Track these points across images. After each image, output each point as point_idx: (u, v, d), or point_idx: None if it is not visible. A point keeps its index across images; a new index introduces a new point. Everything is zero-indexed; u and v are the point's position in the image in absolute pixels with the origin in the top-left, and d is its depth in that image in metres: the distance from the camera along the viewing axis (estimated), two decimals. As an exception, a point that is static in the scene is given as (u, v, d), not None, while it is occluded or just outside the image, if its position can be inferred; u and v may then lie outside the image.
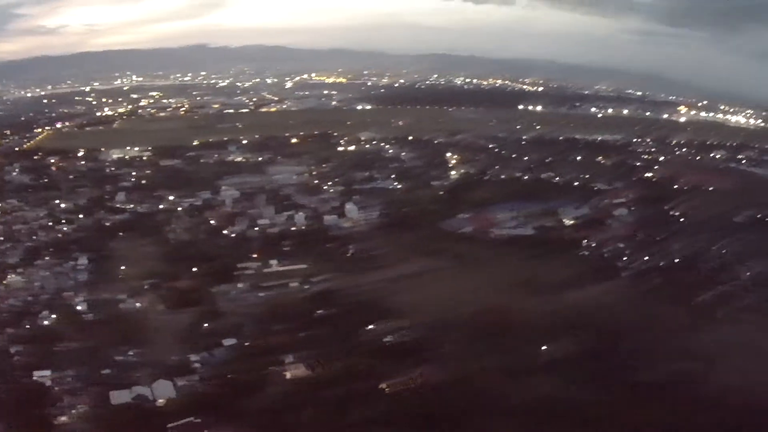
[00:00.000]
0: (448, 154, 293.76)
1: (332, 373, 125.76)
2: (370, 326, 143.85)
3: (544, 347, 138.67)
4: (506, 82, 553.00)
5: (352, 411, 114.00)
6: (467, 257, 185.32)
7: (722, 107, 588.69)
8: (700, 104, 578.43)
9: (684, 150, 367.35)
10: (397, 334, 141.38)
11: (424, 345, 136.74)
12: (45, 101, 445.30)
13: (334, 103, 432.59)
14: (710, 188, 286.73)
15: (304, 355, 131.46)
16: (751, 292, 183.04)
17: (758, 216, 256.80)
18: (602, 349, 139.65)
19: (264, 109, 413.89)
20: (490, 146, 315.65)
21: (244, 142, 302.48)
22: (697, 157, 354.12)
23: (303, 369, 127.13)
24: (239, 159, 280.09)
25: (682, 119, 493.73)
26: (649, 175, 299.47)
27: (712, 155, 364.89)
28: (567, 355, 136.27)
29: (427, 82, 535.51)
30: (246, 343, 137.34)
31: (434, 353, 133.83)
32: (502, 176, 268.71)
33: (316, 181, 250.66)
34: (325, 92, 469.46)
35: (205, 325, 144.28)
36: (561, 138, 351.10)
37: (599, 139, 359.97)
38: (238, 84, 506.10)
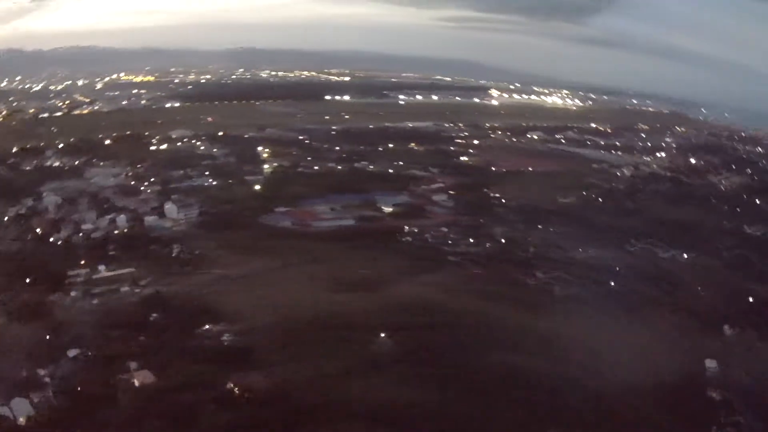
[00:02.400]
0: (260, 149, 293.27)
1: (178, 380, 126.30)
2: (205, 329, 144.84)
3: (377, 346, 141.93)
4: (312, 73, 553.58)
5: (201, 419, 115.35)
6: (291, 254, 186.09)
7: (537, 89, 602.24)
8: (512, 87, 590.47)
9: (499, 133, 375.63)
10: (231, 338, 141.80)
11: (258, 349, 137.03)
12: None
13: (143, 102, 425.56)
14: (530, 170, 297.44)
15: (147, 361, 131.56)
16: (579, 275, 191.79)
17: (584, 195, 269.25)
18: (435, 344, 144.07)
19: (77, 112, 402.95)
20: (301, 138, 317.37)
21: (61, 146, 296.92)
22: (514, 140, 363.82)
23: (149, 376, 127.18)
24: (57, 164, 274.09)
25: (495, 102, 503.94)
26: (465, 159, 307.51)
27: (529, 137, 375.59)
28: (401, 352, 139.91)
29: (233, 77, 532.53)
30: (89, 353, 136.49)
31: (269, 358, 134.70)
32: (316, 168, 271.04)
33: (134, 182, 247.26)
34: (135, 92, 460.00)
35: (47, 336, 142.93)
36: (371, 127, 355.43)
37: (410, 126, 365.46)
38: (51, 87, 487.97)
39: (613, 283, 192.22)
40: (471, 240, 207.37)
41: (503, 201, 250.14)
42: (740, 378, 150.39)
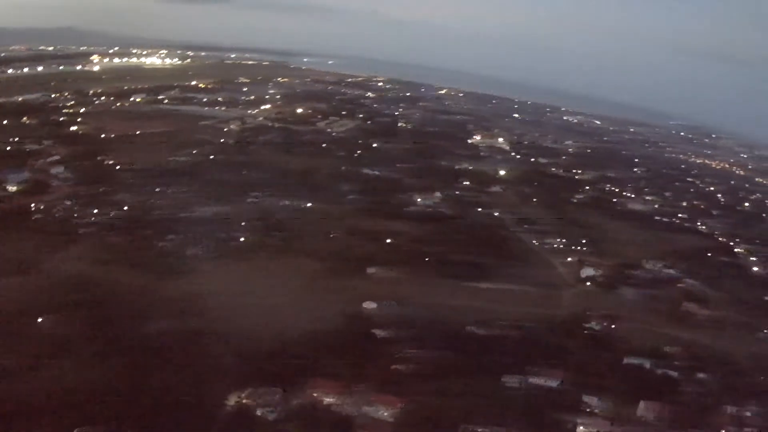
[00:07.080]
0: None
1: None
2: None
3: (44, 330, 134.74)
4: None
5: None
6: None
7: (135, 51, 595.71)
8: (112, 51, 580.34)
9: (104, 99, 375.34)
10: None
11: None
12: None
13: None
14: (139, 133, 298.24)
15: None
16: (208, 233, 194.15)
17: (197, 153, 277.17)
18: (95, 321, 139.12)
19: None
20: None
21: None
22: (119, 104, 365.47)
23: None
24: None
25: (97, 68, 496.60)
26: (75, 128, 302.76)
27: (133, 100, 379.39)
28: (68, 333, 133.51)
29: None
30: None
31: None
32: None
33: None
34: None
35: None
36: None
37: (20, 99, 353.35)
38: None
39: (243, 239, 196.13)
40: (96, 210, 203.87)
41: (118, 167, 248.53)
42: (400, 313, 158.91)
